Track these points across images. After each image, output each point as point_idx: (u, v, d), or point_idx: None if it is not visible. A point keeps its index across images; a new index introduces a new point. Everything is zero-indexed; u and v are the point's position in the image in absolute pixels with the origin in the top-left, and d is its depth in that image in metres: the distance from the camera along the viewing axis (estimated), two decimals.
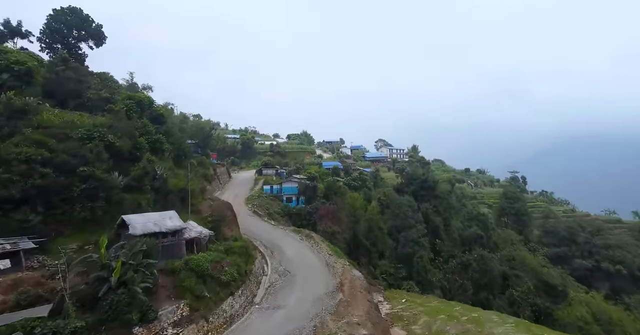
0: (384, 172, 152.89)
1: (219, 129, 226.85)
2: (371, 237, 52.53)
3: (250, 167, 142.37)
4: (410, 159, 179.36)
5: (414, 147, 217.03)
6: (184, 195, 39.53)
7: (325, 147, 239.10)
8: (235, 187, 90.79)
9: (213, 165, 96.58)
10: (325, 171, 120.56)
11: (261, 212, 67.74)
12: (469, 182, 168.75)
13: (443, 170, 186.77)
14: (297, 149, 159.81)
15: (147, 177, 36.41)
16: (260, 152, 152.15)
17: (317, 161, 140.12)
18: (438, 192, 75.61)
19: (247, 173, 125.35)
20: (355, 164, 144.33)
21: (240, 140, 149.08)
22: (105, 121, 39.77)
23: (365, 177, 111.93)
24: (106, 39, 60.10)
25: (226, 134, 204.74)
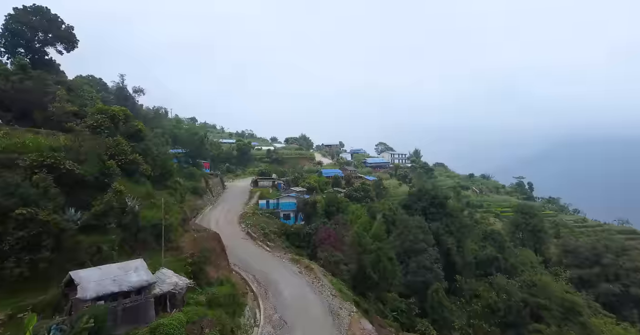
0: (386, 180, 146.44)
1: (214, 132, 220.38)
2: (379, 269, 46.10)
3: (246, 175, 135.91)
4: (412, 165, 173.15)
5: (416, 152, 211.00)
6: (161, 231, 33.01)
7: (325, 151, 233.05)
8: (228, 201, 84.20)
9: (205, 176, 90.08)
10: (325, 180, 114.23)
11: (256, 233, 61.23)
12: (473, 189, 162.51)
13: (447, 175, 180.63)
14: (295, 154, 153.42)
15: (112, 212, 29.88)
16: (257, 159, 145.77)
17: (316, 169, 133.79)
18: (449, 210, 69.13)
19: (243, 182, 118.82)
20: (356, 171, 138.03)
21: (236, 146, 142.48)
22: (65, 142, 33.22)
23: (367, 188, 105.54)
24: (78, 43, 53.53)
25: (222, 137, 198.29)
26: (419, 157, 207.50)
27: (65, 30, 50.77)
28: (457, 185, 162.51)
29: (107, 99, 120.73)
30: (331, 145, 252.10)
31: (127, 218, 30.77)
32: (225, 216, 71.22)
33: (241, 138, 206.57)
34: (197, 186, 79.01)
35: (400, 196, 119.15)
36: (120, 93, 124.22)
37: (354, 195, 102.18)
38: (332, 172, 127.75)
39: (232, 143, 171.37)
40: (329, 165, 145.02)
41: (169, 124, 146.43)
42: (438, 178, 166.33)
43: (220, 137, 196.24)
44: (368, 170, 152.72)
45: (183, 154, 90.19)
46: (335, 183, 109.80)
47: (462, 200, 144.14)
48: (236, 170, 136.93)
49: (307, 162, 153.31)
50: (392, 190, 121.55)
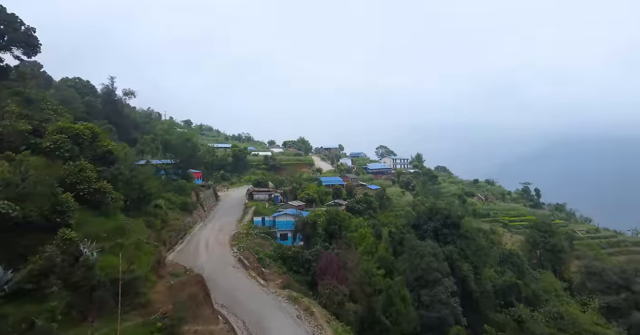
0: (389, 187, 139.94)
1: (210, 135, 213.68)
2: (391, 312, 39.64)
3: (242, 183, 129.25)
4: (415, 171, 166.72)
5: (418, 156, 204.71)
6: (126, 282, 26.39)
7: (324, 155, 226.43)
8: (221, 217, 77.57)
9: (196, 188, 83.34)
10: (325, 190, 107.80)
11: (249, 259, 54.64)
12: (479, 196, 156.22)
13: (450, 181, 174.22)
14: (293, 160, 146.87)
15: (57, 269, 23.31)
16: (254, 165, 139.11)
17: (315, 176, 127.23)
18: (464, 231, 62.67)
19: (238, 191, 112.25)
20: (357, 178, 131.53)
21: (231, 153, 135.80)
22: (3, 174, 26.56)
23: (370, 199, 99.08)
24: (40, 47, 46.82)
25: (218, 141, 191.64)
26: (421, 162, 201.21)
27: (24, 33, 44.10)
28: (461, 192, 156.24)
29: (93, 103, 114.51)
30: (330, 149, 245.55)
31: (78, 273, 24.15)
32: (217, 236, 64.62)
33: (237, 142, 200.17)
34: (186, 201, 72.38)
35: (404, 207, 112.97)
36: (108, 97, 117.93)
37: (356, 207, 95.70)
38: (332, 181, 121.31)
39: (228, 148, 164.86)
40: (329, 172, 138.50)
41: (160, 129, 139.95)
42: (442, 184, 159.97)
43: (215, 141, 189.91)
44: (369, 177, 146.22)
45: (172, 165, 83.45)
46: (336, 193, 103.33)
47: (469, 208, 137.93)
48: (231, 178, 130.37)
49: (306, 169, 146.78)
50: (395, 200, 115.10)
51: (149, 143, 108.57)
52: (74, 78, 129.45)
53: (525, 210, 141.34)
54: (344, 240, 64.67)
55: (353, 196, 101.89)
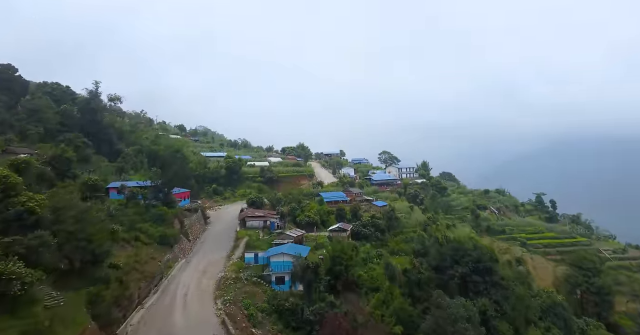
0: (395, 200, 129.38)
1: (204, 141, 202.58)
2: None
3: (236, 198, 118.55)
4: (423, 181, 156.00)
5: (424, 164, 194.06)
6: None
7: (324, 161, 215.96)
8: (207, 252, 66.77)
9: (180, 215, 72.49)
10: (326, 209, 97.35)
11: (236, 319, 44.03)
12: (491, 209, 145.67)
13: (459, 192, 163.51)
14: (292, 172, 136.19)
15: None
16: (249, 178, 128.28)
17: (316, 191, 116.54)
18: (500, 279, 51.94)
19: (231, 209, 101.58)
20: (361, 193, 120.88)
21: (225, 164, 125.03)
22: None
23: (377, 222, 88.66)
24: None
25: (212, 147, 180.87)
26: (427, 170, 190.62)
27: None
28: (472, 204, 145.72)
29: (70, 113, 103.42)
30: (331, 155, 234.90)
31: None
32: (199, 281, 53.95)
33: (233, 149, 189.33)
34: (166, 234, 61.66)
35: (415, 227, 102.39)
36: (87, 106, 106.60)
37: (363, 232, 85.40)
38: (334, 197, 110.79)
39: (223, 157, 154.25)
40: (331, 185, 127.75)
41: (147, 139, 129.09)
42: (451, 195, 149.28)
43: (209, 148, 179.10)
44: (374, 189, 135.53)
45: (152, 187, 72.47)
46: (339, 215, 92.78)
47: (482, 224, 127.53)
48: (224, 192, 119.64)
49: (306, 181, 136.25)
50: (404, 219, 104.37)
51: (131, 157, 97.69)
52: (52, 83, 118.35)
53: (543, 226, 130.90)
54: (352, 285, 54.20)
55: (359, 218, 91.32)
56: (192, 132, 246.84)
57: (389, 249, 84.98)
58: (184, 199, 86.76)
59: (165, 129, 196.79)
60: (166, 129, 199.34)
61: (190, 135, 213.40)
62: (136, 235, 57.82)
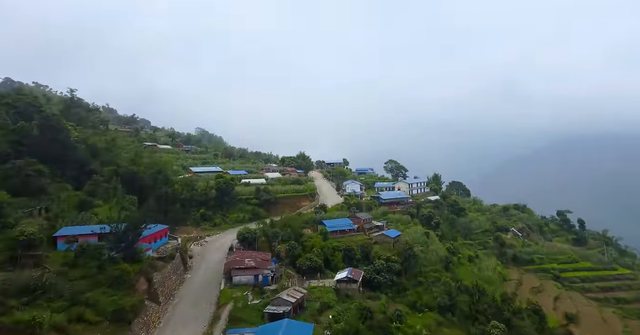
0: (407, 224, 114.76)
1: (197, 151, 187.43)
2: None
3: (227, 224, 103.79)
4: (436, 199, 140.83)
5: (436, 177, 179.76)
6: None
7: (327, 171, 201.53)
8: (178, 322, 51.84)
9: (148, 269, 57.34)
10: (332, 245, 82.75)
11: None
12: (514, 232, 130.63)
13: (476, 209, 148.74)
14: (291, 191, 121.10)
15: None
16: (243, 200, 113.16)
17: (318, 217, 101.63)
18: None
19: (221, 242, 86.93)
20: (370, 219, 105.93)
21: (215, 185, 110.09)
22: None
23: (393, 266, 73.97)
24: None
25: (204, 161, 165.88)
26: (439, 183, 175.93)
27: None
28: (492, 226, 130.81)
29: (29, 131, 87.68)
30: (334, 164, 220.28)
31: None
32: None
33: (228, 161, 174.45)
34: (122, 305, 46.70)
35: (436, 266, 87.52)
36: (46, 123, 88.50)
37: (376, 280, 70.68)
38: (340, 225, 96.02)
39: (215, 172, 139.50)
40: (335, 208, 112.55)
41: (127, 156, 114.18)
42: (469, 215, 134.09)
43: (201, 161, 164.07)
44: (383, 210, 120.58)
45: (112, 235, 56.75)
46: (347, 255, 78.02)
47: (507, 252, 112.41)
48: (214, 218, 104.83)
49: (307, 202, 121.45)
50: (422, 253, 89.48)
51: (100, 183, 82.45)
52: (13, 91, 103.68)
53: (575, 253, 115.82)
54: None
55: (371, 261, 76.51)
56: (185, 138, 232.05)
57: (409, 301, 70.35)
58: (161, 238, 71.86)
59: (154, 138, 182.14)
60: (155, 138, 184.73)
61: (182, 144, 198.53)
62: (79, 313, 43.11)
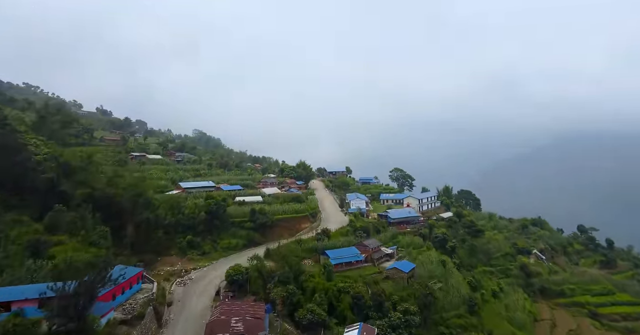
0: (420, 248, 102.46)
1: (189, 163, 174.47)
2: None
3: (218, 252, 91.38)
4: (449, 217, 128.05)
5: (446, 189, 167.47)
6: None
7: (328, 181, 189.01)
8: None
9: None
10: (337, 284, 70.39)
11: None
12: (537, 255, 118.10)
13: (492, 227, 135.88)
14: (290, 213, 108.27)
15: None
16: (237, 223, 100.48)
17: (321, 245, 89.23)
18: None
19: (207, 281, 74.29)
20: (379, 246, 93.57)
21: (205, 206, 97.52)
22: None
23: (413, 320, 61.38)
24: None
25: (196, 172, 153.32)
26: (450, 197, 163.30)
27: None
28: (512, 248, 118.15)
29: None
30: (336, 173, 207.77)
31: None
32: None
33: (223, 171, 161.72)
34: None
35: (457, 310, 75.09)
36: None
37: None
38: (345, 256, 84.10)
39: (207, 187, 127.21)
40: (340, 232, 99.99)
41: (104, 175, 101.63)
42: (486, 235, 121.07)
43: (194, 172, 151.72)
44: (393, 233, 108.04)
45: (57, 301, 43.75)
46: (357, 304, 65.41)
47: (534, 283, 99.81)
48: (203, 245, 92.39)
49: (307, 223, 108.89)
50: (441, 291, 77.03)
51: (65, 213, 69.68)
52: None
53: (610, 283, 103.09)
54: None
55: (384, 312, 63.92)
56: (179, 144, 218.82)
57: None
58: (130, 287, 59.33)
59: (142, 148, 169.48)
60: (144, 148, 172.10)
61: (174, 153, 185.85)
62: None
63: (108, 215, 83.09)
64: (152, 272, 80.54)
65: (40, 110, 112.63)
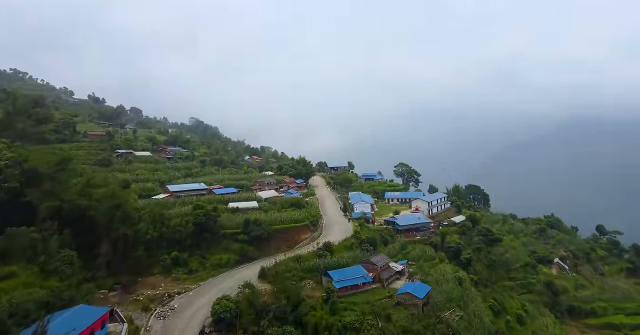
0: (432, 261, 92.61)
1: (180, 160, 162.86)
2: None
3: (207, 270, 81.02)
4: (461, 221, 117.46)
5: (456, 188, 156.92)
6: None
7: (329, 177, 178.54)
8: None
9: None
10: (343, 318, 60.25)
11: None
12: (559, 263, 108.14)
13: (507, 230, 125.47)
14: (288, 221, 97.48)
15: None
16: (229, 235, 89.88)
17: (322, 264, 78.89)
18: None
19: (193, 310, 64.13)
20: (387, 262, 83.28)
21: (192, 217, 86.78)
22: None
23: None
24: None
25: (189, 172, 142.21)
26: (460, 196, 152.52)
27: None
28: (531, 256, 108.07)
29: None
30: (337, 168, 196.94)
31: None
32: None
33: (217, 168, 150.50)
34: None
35: None
36: None
37: None
38: (351, 278, 73.76)
39: (198, 190, 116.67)
40: (344, 245, 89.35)
41: (77, 184, 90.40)
42: (504, 243, 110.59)
43: (185, 171, 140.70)
44: (402, 243, 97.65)
45: None
46: None
47: (562, 304, 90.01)
48: (190, 261, 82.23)
49: (308, 234, 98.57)
50: (460, 322, 66.93)
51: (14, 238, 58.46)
52: None
53: None
54: None
55: None
56: (172, 137, 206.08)
57: None
58: (95, 333, 48.97)
59: (130, 144, 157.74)
60: (132, 144, 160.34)
61: (165, 148, 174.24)
62: None
63: (79, 230, 72.94)
64: (130, 297, 70.73)
65: (8, 106, 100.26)
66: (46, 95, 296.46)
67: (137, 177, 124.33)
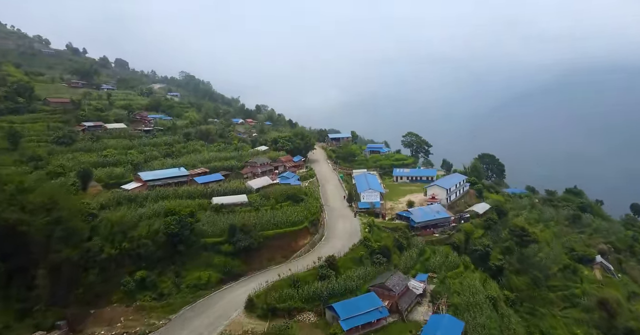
0: (456, 273, 77.45)
1: (163, 126, 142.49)
2: None
3: (182, 294, 64.71)
4: (485, 213, 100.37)
5: (475, 167, 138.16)
6: None
7: (331, 150, 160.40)
8: None
9: None
10: None
11: None
12: (603, 264, 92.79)
13: (536, 219, 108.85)
14: (284, 225, 79.72)
15: None
16: (209, 245, 72.85)
17: (325, 289, 62.78)
18: None
19: None
20: (405, 280, 67.16)
21: (164, 227, 69.30)
22: None
23: None
24: None
25: (169, 149, 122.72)
26: (480, 176, 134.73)
27: None
28: (569, 256, 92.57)
29: None
30: (340, 139, 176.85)
31: None
32: None
33: (204, 146, 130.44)
34: None
35: None
36: None
37: None
38: (360, 312, 57.68)
39: (178, 177, 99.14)
40: (350, 255, 72.66)
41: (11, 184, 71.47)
42: (541, 244, 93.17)
43: (164, 151, 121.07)
44: (420, 249, 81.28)
45: None
46: None
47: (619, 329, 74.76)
48: (161, 284, 66.21)
49: (307, 238, 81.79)
50: None
51: None
52: None
53: None
54: None
55: None
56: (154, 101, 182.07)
57: None
58: None
59: (101, 114, 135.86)
60: (103, 114, 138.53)
61: (145, 116, 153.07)
62: None
63: (7, 254, 56.92)
64: None
65: None
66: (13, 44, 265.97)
67: (105, 159, 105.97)
